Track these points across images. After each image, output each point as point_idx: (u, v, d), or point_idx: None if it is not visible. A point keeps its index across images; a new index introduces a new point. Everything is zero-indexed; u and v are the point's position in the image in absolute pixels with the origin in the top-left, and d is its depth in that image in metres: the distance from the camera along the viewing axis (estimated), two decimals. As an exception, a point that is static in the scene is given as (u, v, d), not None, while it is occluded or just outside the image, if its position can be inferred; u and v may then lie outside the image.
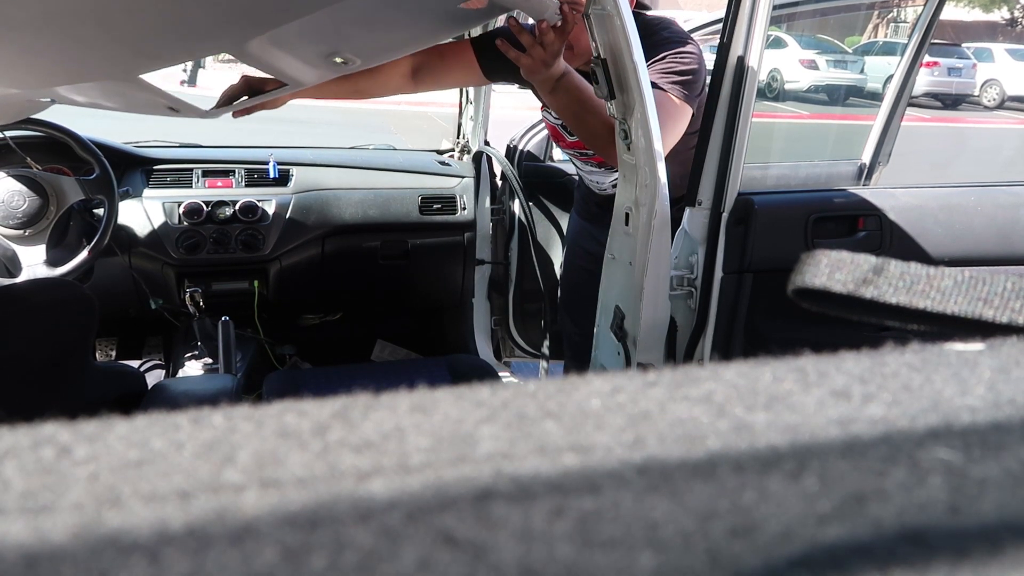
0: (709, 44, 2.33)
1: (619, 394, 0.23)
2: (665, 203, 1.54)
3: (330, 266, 2.57)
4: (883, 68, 12.09)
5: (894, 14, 17.55)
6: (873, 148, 2.55)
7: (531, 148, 2.71)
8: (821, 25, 14.41)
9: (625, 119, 1.51)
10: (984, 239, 1.91)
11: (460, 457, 0.19)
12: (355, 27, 1.13)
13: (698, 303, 1.77)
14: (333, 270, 2.59)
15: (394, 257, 2.63)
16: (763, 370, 0.24)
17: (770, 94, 13.63)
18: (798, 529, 0.18)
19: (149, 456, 0.19)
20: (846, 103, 13.94)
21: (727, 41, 1.60)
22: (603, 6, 1.40)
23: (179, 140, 2.66)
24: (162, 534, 0.17)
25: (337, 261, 2.57)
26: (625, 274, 1.67)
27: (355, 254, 2.58)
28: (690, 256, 1.77)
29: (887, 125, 2.52)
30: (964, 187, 2.02)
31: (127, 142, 2.54)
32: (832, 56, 14.55)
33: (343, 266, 2.59)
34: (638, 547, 0.17)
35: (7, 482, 0.18)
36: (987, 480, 0.19)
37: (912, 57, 2.42)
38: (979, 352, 0.26)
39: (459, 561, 0.16)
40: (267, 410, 0.21)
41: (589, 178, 2.10)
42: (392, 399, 0.22)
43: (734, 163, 1.67)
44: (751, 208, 1.76)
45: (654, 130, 1.48)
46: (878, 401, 0.22)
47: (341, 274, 2.61)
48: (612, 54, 1.45)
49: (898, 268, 0.30)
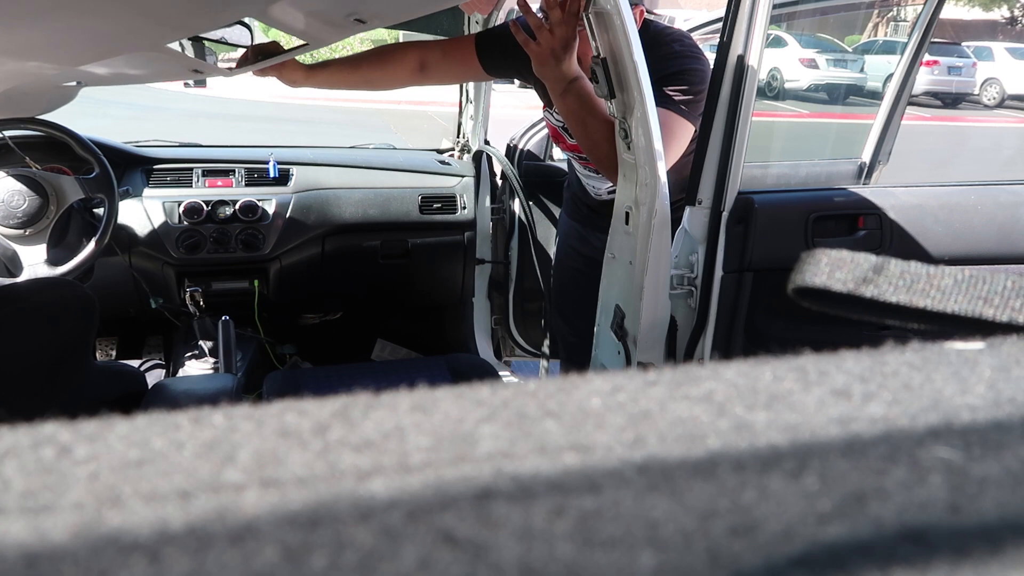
0: (709, 43, 2.33)
1: (619, 393, 0.23)
2: (665, 202, 1.54)
3: (330, 265, 2.57)
4: (883, 67, 12.09)
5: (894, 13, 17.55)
6: (873, 147, 2.55)
7: (531, 147, 2.71)
8: (821, 24, 14.41)
9: (625, 118, 1.51)
10: (984, 238, 1.91)
11: (460, 456, 0.19)
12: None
13: (698, 302, 1.77)
14: (333, 269, 2.59)
15: (394, 256, 2.63)
16: (763, 369, 0.24)
17: (770, 93, 13.63)
18: (798, 528, 0.18)
19: (149, 456, 0.19)
20: (846, 102, 13.93)
21: (727, 40, 1.60)
22: (602, 5, 1.40)
23: (179, 140, 2.66)
24: (162, 533, 0.17)
25: (337, 260, 2.57)
26: (625, 273, 1.67)
27: (355, 253, 2.58)
28: (690, 255, 1.77)
29: (887, 124, 2.52)
30: (964, 186, 2.02)
31: (127, 142, 2.54)
32: (832, 55, 14.54)
33: (343, 265, 2.59)
34: (638, 546, 0.17)
35: (8, 482, 0.18)
36: (987, 479, 0.19)
37: (912, 56, 2.42)
38: (979, 351, 0.26)
39: (459, 560, 0.16)
40: (267, 409, 0.21)
41: (587, 182, 2.09)
42: (392, 398, 0.22)
43: (734, 162, 1.67)
44: (751, 207, 1.76)
45: (654, 129, 1.48)
46: (878, 400, 0.22)
47: (341, 273, 2.61)
48: (612, 53, 1.45)
49: (898, 267, 0.30)
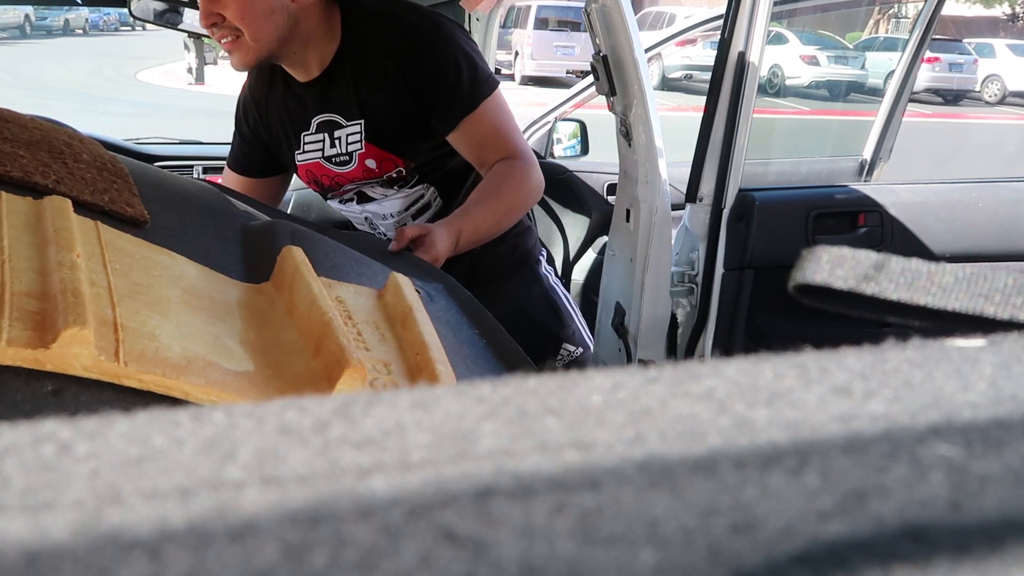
0: (710, 40, 2.32)
1: (620, 391, 0.23)
2: (666, 199, 1.54)
3: None
4: (884, 64, 12.06)
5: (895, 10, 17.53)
6: (874, 144, 2.55)
7: (532, 144, 2.70)
8: (822, 21, 14.38)
9: (626, 116, 1.51)
10: (985, 235, 1.91)
11: (461, 454, 0.19)
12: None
13: (699, 299, 1.77)
14: None
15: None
16: (764, 366, 0.24)
17: (771, 90, 13.61)
18: (799, 525, 0.18)
19: (150, 453, 0.19)
20: (847, 99, 13.91)
21: (728, 37, 1.60)
22: (603, 2, 1.40)
23: (180, 137, 2.67)
24: (163, 531, 0.17)
25: None
26: (626, 271, 1.67)
27: None
28: (691, 252, 1.77)
29: (888, 121, 2.52)
30: (965, 183, 2.02)
31: (127, 139, 2.54)
32: (833, 52, 14.52)
33: None
34: (639, 544, 0.17)
35: (7, 479, 0.18)
36: (988, 476, 0.19)
37: (913, 53, 2.42)
38: (980, 348, 0.26)
39: (460, 558, 0.16)
40: (268, 407, 0.21)
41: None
42: (392, 396, 0.22)
43: (735, 159, 1.67)
44: (752, 204, 1.76)
45: (655, 126, 1.48)
46: (879, 397, 0.22)
47: None
48: (612, 50, 1.45)
49: (899, 264, 0.30)
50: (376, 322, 0.70)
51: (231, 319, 0.65)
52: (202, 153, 2.54)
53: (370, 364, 0.61)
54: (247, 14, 1.30)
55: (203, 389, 0.52)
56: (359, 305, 0.72)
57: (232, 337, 0.62)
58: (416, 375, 0.63)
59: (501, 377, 0.23)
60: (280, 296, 0.70)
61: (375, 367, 0.63)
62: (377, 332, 0.69)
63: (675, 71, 15.01)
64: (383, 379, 0.62)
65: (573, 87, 2.75)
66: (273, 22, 1.32)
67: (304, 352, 0.61)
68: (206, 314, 0.63)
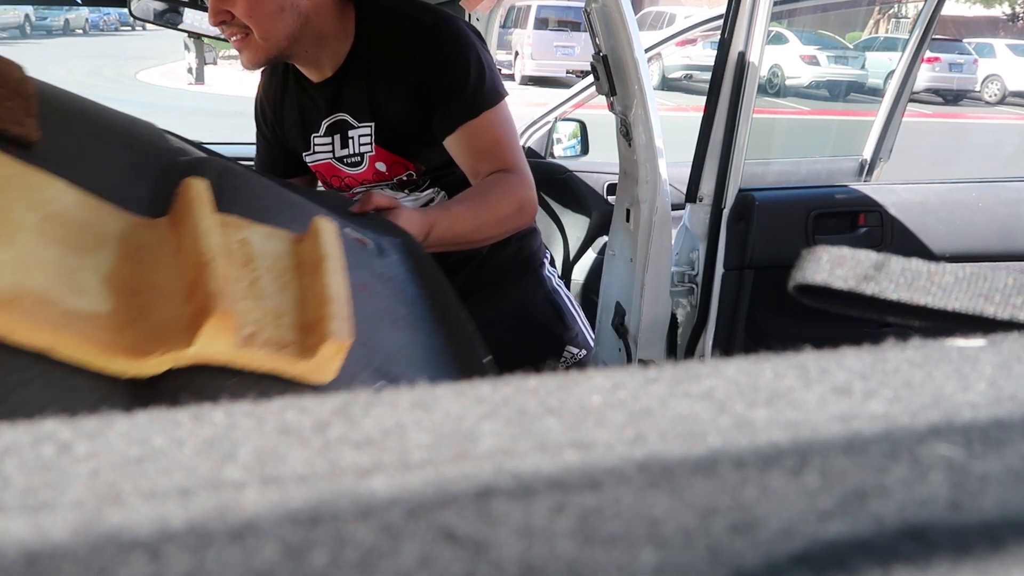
0: (710, 40, 2.32)
1: (620, 390, 0.23)
2: (666, 199, 1.54)
3: None
4: (884, 64, 12.07)
5: (895, 10, 17.53)
6: (874, 144, 2.55)
7: (532, 144, 2.70)
8: (822, 21, 14.39)
9: (626, 116, 1.51)
10: (985, 235, 1.91)
11: (461, 454, 0.19)
12: None
13: (699, 299, 1.77)
14: None
15: None
16: (764, 366, 0.24)
17: (771, 90, 13.62)
18: (799, 525, 0.18)
19: (150, 453, 0.19)
20: (847, 99, 13.92)
21: (728, 37, 1.60)
22: (603, 2, 1.40)
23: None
24: (163, 531, 0.17)
25: None
26: (626, 270, 1.67)
27: None
28: (691, 252, 1.77)
29: (888, 121, 2.52)
30: (965, 183, 2.02)
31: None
32: (833, 52, 14.52)
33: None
34: (639, 544, 0.17)
35: (7, 479, 0.18)
36: (988, 476, 0.19)
37: (913, 53, 2.42)
38: (980, 348, 0.26)
39: (460, 558, 0.16)
40: (268, 407, 0.21)
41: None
42: (393, 395, 0.22)
43: (735, 159, 1.68)
44: (752, 204, 1.77)
45: (655, 126, 1.48)
46: (879, 397, 0.22)
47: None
48: (612, 50, 1.45)
49: (899, 264, 0.30)
50: (282, 269, 0.64)
51: (102, 253, 0.58)
52: None
53: (257, 315, 0.55)
54: (256, 12, 1.30)
55: (27, 328, 0.46)
56: (267, 249, 0.65)
57: (94, 272, 0.55)
58: (309, 331, 0.57)
59: (433, 341, 0.23)
60: (172, 233, 0.63)
61: (262, 318, 0.56)
62: (279, 280, 0.62)
63: (675, 71, 15.02)
64: (268, 332, 0.55)
65: (573, 87, 2.75)
66: (283, 20, 1.32)
67: (178, 296, 0.55)
68: (66, 244, 0.55)
